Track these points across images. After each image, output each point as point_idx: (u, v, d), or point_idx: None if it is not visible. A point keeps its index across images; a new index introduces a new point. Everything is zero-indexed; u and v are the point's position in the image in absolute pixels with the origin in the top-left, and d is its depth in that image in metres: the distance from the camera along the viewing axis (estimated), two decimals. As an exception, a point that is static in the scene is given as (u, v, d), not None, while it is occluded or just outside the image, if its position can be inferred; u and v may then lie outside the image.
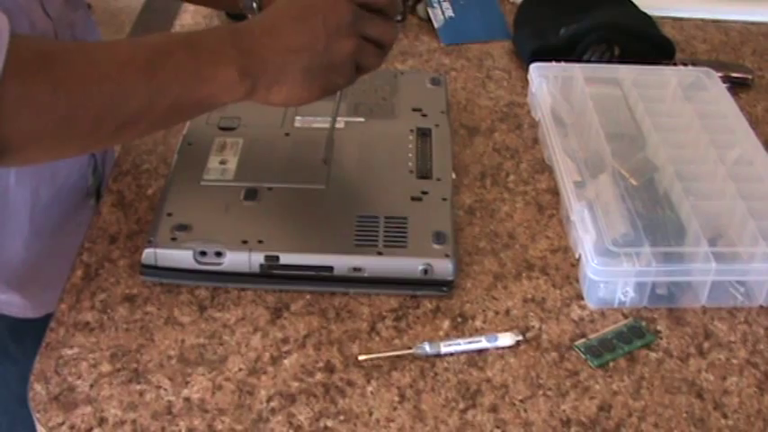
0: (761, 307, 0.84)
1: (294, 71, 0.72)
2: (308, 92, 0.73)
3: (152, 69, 0.68)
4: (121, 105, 0.68)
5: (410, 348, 0.77)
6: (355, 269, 0.81)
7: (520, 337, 0.79)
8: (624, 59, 1.12)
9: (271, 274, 0.82)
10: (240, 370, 0.75)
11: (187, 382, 0.74)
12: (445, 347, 0.77)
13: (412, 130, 0.96)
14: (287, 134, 0.95)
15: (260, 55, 0.71)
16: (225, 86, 0.70)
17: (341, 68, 0.74)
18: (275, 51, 0.71)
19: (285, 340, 0.78)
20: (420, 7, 1.26)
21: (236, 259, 0.81)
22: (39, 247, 0.92)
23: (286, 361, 0.76)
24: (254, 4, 0.89)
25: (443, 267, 0.81)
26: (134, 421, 0.71)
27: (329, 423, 0.72)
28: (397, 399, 0.74)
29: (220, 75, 0.70)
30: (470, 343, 0.78)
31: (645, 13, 1.20)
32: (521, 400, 0.74)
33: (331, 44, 0.72)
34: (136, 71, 0.68)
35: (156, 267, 0.82)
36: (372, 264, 0.81)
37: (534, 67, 1.06)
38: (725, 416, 0.74)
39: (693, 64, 1.12)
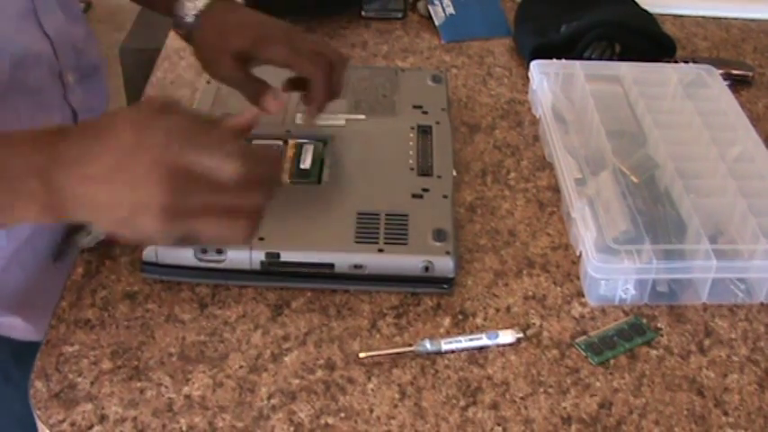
0: (761, 304, 0.84)
1: (99, 221, 0.65)
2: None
3: None
4: None
5: (411, 346, 0.77)
6: (356, 266, 0.81)
7: (520, 335, 0.79)
8: (625, 57, 1.12)
9: (272, 271, 0.81)
10: (241, 367, 0.75)
11: (188, 380, 0.74)
12: (446, 345, 0.77)
13: (413, 128, 0.96)
14: (288, 131, 0.95)
15: (66, 194, 0.62)
16: (21, 218, 0.66)
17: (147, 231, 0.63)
18: (81, 198, 0.62)
19: (286, 338, 0.78)
20: (421, 4, 1.26)
21: (236, 257, 0.81)
22: (38, 269, 0.91)
23: (287, 358, 0.76)
24: (191, 19, 0.87)
25: (444, 265, 0.81)
26: (135, 419, 0.71)
27: (330, 420, 0.72)
28: (397, 396, 0.74)
29: (18, 207, 0.63)
30: (471, 340, 0.78)
31: (645, 11, 1.20)
32: (521, 398, 0.74)
33: (135, 215, 0.61)
34: None
35: (156, 264, 0.82)
36: (373, 261, 0.81)
37: (535, 65, 1.06)
38: (725, 413, 0.74)
39: (694, 61, 1.12)
